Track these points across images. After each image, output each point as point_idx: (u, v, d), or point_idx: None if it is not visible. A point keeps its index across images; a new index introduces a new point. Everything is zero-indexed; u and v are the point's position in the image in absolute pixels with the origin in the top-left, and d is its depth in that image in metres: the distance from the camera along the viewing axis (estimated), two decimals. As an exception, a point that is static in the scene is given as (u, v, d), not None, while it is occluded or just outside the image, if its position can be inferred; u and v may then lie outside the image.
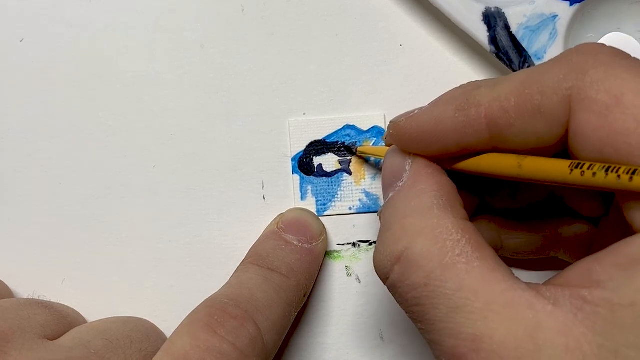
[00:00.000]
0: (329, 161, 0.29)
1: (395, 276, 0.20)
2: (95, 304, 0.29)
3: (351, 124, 0.29)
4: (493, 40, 0.27)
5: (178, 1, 0.29)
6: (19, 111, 0.29)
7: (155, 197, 0.29)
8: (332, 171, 0.29)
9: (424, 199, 0.20)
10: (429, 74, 0.29)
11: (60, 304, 0.28)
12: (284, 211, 0.29)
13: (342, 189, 0.29)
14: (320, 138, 0.29)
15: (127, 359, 0.24)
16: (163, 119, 0.29)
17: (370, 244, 0.29)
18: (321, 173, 0.29)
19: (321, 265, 0.29)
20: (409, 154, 0.22)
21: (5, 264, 0.29)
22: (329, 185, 0.29)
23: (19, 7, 0.30)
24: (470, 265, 0.18)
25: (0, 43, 0.30)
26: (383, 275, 0.21)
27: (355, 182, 0.29)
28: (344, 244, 0.29)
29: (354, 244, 0.29)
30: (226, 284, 0.25)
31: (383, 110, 0.29)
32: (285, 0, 0.29)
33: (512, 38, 0.27)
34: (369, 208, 0.29)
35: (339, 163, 0.29)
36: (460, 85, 0.21)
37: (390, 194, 0.22)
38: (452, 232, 0.19)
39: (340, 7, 0.29)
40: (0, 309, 0.24)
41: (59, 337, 0.25)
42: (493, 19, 0.27)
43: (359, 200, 0.29)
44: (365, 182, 0.29)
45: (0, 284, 0.28)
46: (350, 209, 0.29)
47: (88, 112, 0.29)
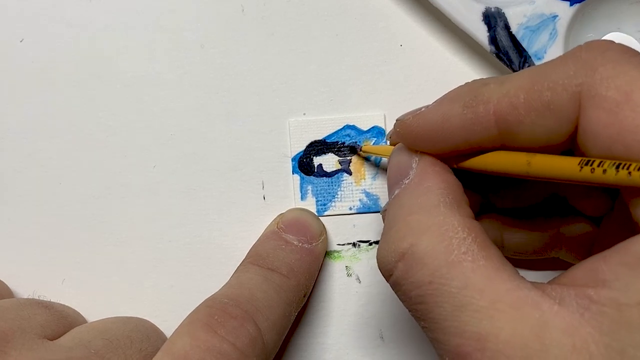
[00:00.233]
0: (329, 161, 0.29)
1: (399, 273, 0.20)
2: (95, 304, 0.29)
3: (351, 124, 0.29)
4: (493, 40, 0.27)
5: (178, 1, 0.29)
6: (19, 111, 0.29)
7: (155, 197, 0.29)
8: (332, 171, 0.29)
9: (431, 196, 0.20)
10: (429, 74, 0.29)
11: (60, 304, 0.28)
12: (284, 211, 0.29)
13: (342, 189, 0.29)
14: (320, 138, 0.29)
15: (127, 359, 0.24)
16: (163, 119, 0.29)
17: (370, 244, 0.29)
18: (321, 173, 0.29)
19: (321, 265, 0.29)
20: (415, 151, 0.22)
21: (5, 264, 0.29)
22: (329, 185, 0.29)
23: (19, 7, 0.30)
24: (476, 264, 0.18)
25: (0, 43, 0.30)
26: (386, 272, 0.20)
27: (355, 182, 0.29)
28: (344, 244, 0.29)
29: (354, 244, 0.29)
30: (226, 284, 0.25)
31: (383, 110, 0.29)
32: (285, 0, 0.29)
33: (512, 38, 0.27)
34: (369, 208, 0.29)
35: (339, 163, 0.29)
36: (466, 83, 0.21)
37: (395, 191, 0.22)
38: (458, 230, 0.19)
39: (340, 7, 0.29)
40: (0, 309, 0.24)
41: (59, 337, 0.25)
42: (493, 19, 0.27)
43: (359, 200, 0.29)
44: (365, 182, 0.29)
45: (0, 284, 0.28)
46: (350, 209, 0.29)
47: (88, 112, 0.29)
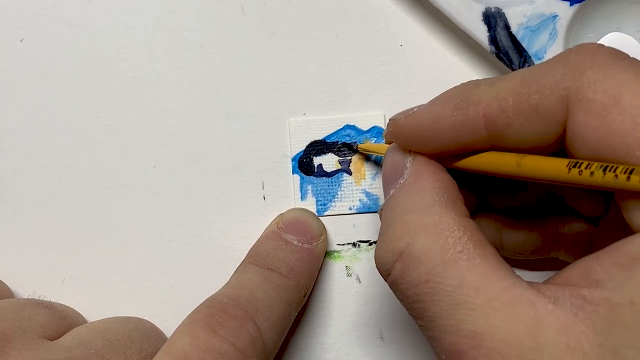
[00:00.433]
0: (329, 161, 0.29)
1: (397, 273, 0.20)
2: (95, 304, 0.29)
3: (351, 124, 0.29)
4: (493, 40, 0.27)
5: (178, 1, 0.29)
6: (19, 111, 0.29)
7: (155, 197, 0.29)
8: (332, 171, 0.29)
9: (426, 195, 0.20)
10: (429, 74, 0.29)
11: (60, 304, 0.28)
12: (284, 211, 0.29)
13: (342, 189, 0.29)
14: (320, 138, 0.29)
15: (127, 359, 0.24)
16: (163, 119, 0.29)
17: (370, 244, 0.29)
18: (321, 173, 0.29)
19: (321, 265, 0.29)
20: (409, 151, 0.22)
21: (5, 264, 0.29)
22: (329, 185, 0.29)
23: (19, 7, 0.30)
24: (471, 262, 0.18)
25: (0, 43, 0.30)
26: (384, 272, 0.21)
27: (355, 182, 0.29)
28: (344, 244, 0.29)
29: (354, 244, 0.29)
30: (226, 284, 0.25)
31: (383, 110, 0.29)
32: (285, 0, 0.29)
33: (512, 38, 0.27)
34: (369, 208, 0.29)
35: (339, 163, 0.29)
36: (461, 83, 0.21)
37: (391, 191, 0.22)
38: (454, 229, 0.19)
39: (340, 7, 0.29)
40: (0, 309, 0.24)
41: (59, 337, 0.25)
42: (493, 19, 0.27)
43: (359, 200, 0.29)
44: (365, 182, 0.29)
45: (0, 284, 0.28)
46: (350, 209, 0.29)
47: (88, 112, 0.29)
